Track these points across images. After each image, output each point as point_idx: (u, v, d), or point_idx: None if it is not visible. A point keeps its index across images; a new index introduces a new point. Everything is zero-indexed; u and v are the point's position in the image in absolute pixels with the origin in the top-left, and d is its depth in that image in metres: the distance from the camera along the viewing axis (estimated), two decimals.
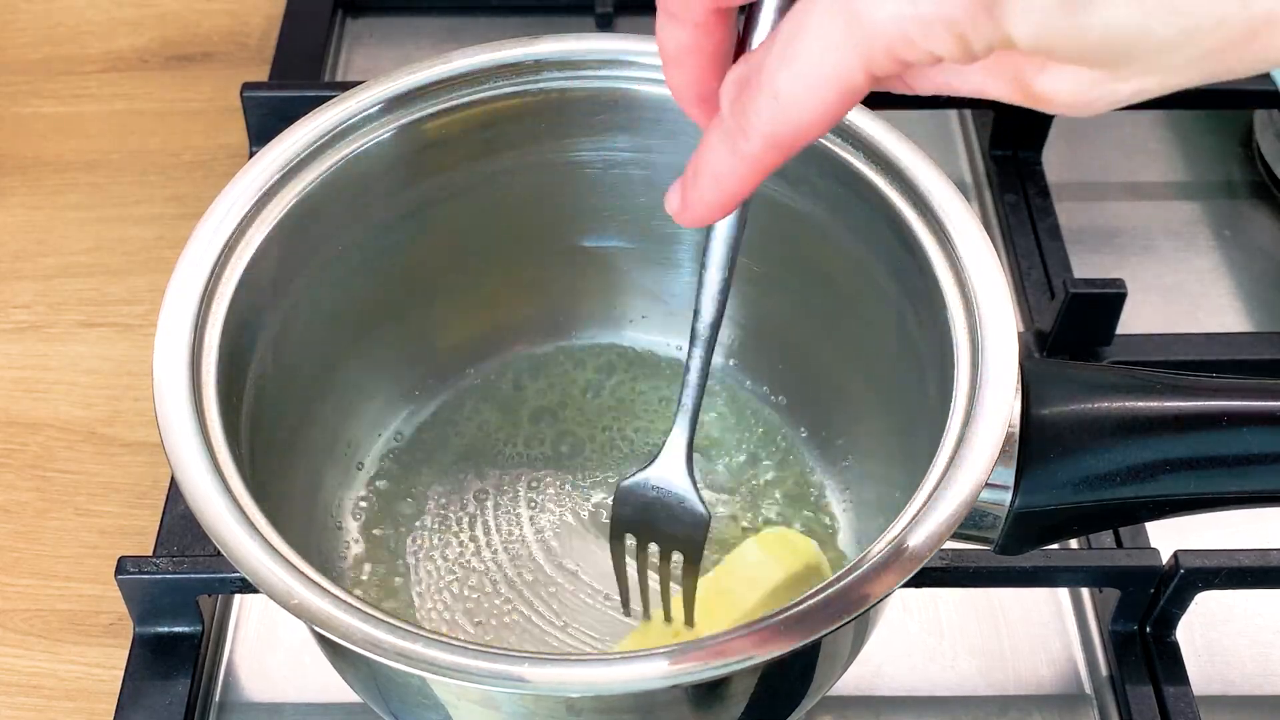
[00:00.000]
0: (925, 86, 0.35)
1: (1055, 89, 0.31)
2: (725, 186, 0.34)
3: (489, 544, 0.55)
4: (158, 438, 0.41)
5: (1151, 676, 0.54)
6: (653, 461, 0.46)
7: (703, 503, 0.46)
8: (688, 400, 0.44)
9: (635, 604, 0.51)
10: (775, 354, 0.58)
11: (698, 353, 0.43)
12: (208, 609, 0.55)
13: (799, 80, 0.31)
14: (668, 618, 0.50)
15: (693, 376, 0.43)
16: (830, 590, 0.38)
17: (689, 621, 0.49)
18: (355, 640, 0.38)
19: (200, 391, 0.43)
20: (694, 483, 0.46)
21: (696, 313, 0.42)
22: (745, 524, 0.55)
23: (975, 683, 0.55)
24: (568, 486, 0.56)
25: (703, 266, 0.41)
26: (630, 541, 0.48)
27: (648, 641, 0.49)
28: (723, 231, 0.40)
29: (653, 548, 0.48)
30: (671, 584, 0.49)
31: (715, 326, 0.42)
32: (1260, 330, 0.67)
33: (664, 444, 0.46)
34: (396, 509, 0.56)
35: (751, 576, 0.50)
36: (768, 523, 0.55)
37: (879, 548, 0.39)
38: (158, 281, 0.47)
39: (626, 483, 0.47)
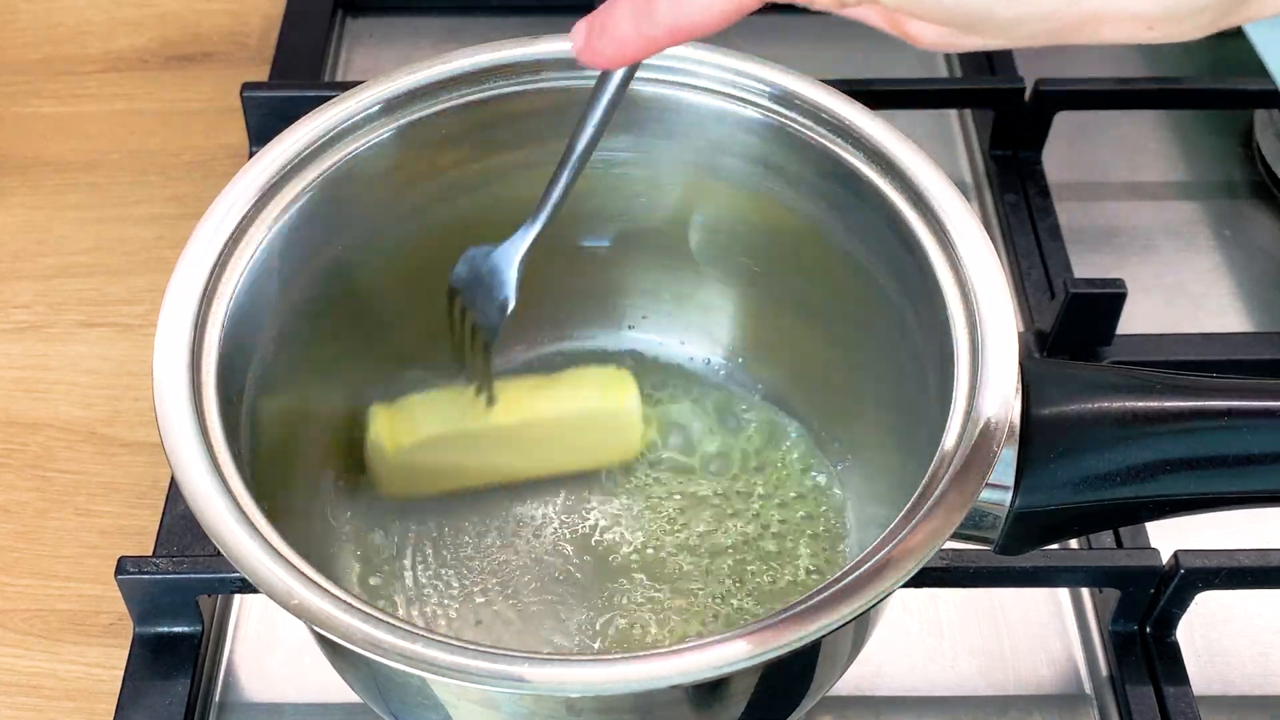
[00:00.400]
0: (817, 4, 0.38)
1: (921, 33, 0.37)
2: (624, 50, 0.38)
3: (489, 544, 0.55)
4: (158, 438, 0.41)
5: (1151, 676, 0.54)
6: (499, 244, 0.50)
7: (515, 293, 0.50)
8: (543, 210, 0.48)
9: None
10: (774, 354, 0.58)
11: (565, 174, 0.47)
12: (208, 609, 0.55)
13: None
14: (472, 383, 0.54)
15: (555, 193, 0.48)
16: (830, 590, 0.38)
17: (485, 393, 0.54)
18: (355, 640, 0.38)
19: (200, 391, 0.43)
20: (517, 275, 0.50)
21: (572, 141, 0.46)
22: (745, 523, 0.55)
23: (975, 683, 0.55)
24: (568, 486, 0.56)
25: (590, 103, 0.45)
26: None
27: (459, 401, 0.54)
28: (613, 78, 0.44)
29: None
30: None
31: (584, 156, 0.46)
32: (1260, 330, 0.67)
33: (511, 235, 0.50)
34: (396, 509, 0.56)
35: (567, 392, 0.55)
36: (766, 525, 0.55)
37: (879, 547, 0.39)
38: (158, 281, 0.47)
39: (472, 249, 0.51)
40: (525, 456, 0.55)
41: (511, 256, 0.50)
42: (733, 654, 0.37)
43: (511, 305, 0.51)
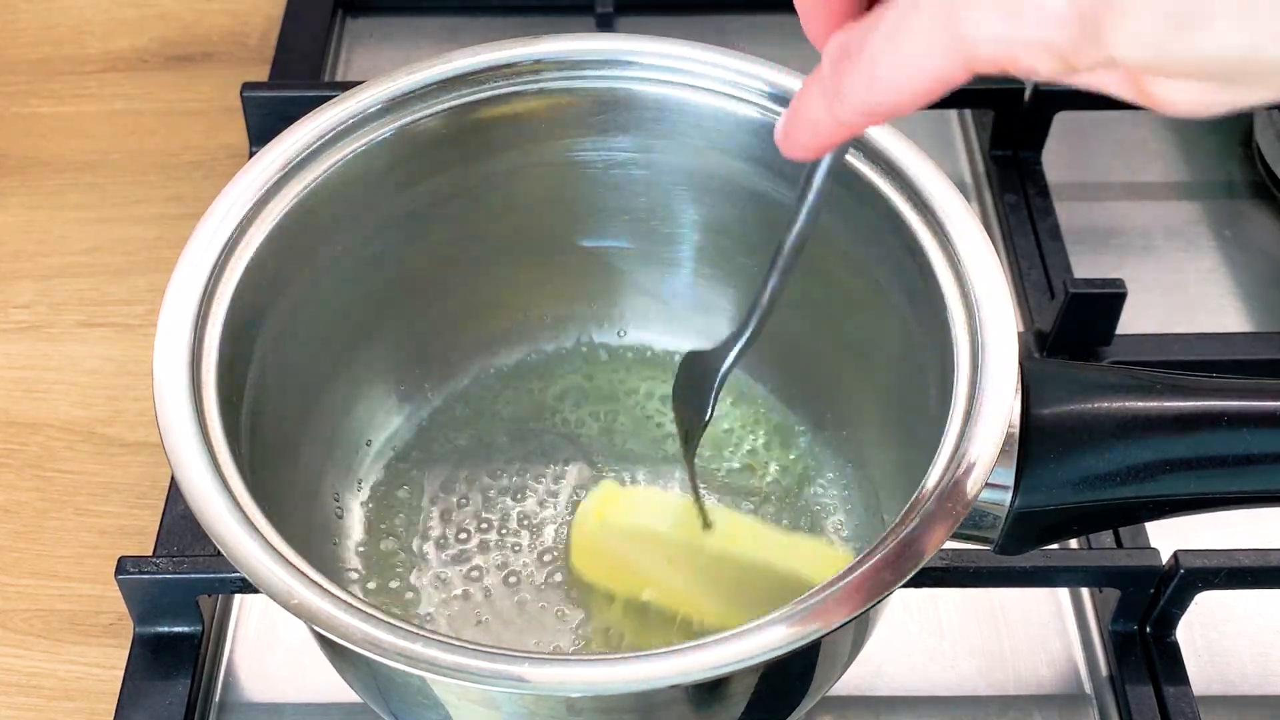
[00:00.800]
0: (1038, 75, 0.34)
1: (1172, 97, 0.31)
2: (819, 135, 0.36)
3: (490, 544, 0.55)
4: (158, 438, 0.41)
5: (1151, 676, 0.54)
6: (716, 347, 0.48)
7: (714, 403, 0.48)
8: (754, 319, 0.45)
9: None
10: (775, 353, 0.58)
11: (776, 277, 0.44)
12: (208, 609, 0.55)
13: (899, 70, 0.31)
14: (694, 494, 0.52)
15: (766, 299, 0.45)
16: (830, 590, 0.38)
17: (697, 503, 0.52)
18: (355, 640, 0.38)
19: (200, 391, 0.43)
20: (719, 382, 0.48)
21: (786, 241, 0.43)
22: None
23: (975, 683, 0.55)
24: (568, 484, 0.56)
25: (800, 197, 0.42)
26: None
27: (667, 504, 0.53)
28: (822, 163, 0.41)
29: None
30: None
31: (798, 252, 0.43)
32: (1260, 330, 0.67)
33: (725, 340, 0.47)
34: (396, 509, 0.56)
35: (787, 552, 0.52)
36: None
37: (879, 547, 0.39)
38: (158, 281, 0.47)
39: (692, 350, 0.50)
40: (709, 589, 0.52)
41: (717, 369, 0.48)
42: (733, 654, 0.37)
43: (707, 420, 0.49)
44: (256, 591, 0.40)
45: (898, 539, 0.39)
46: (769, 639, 0.37)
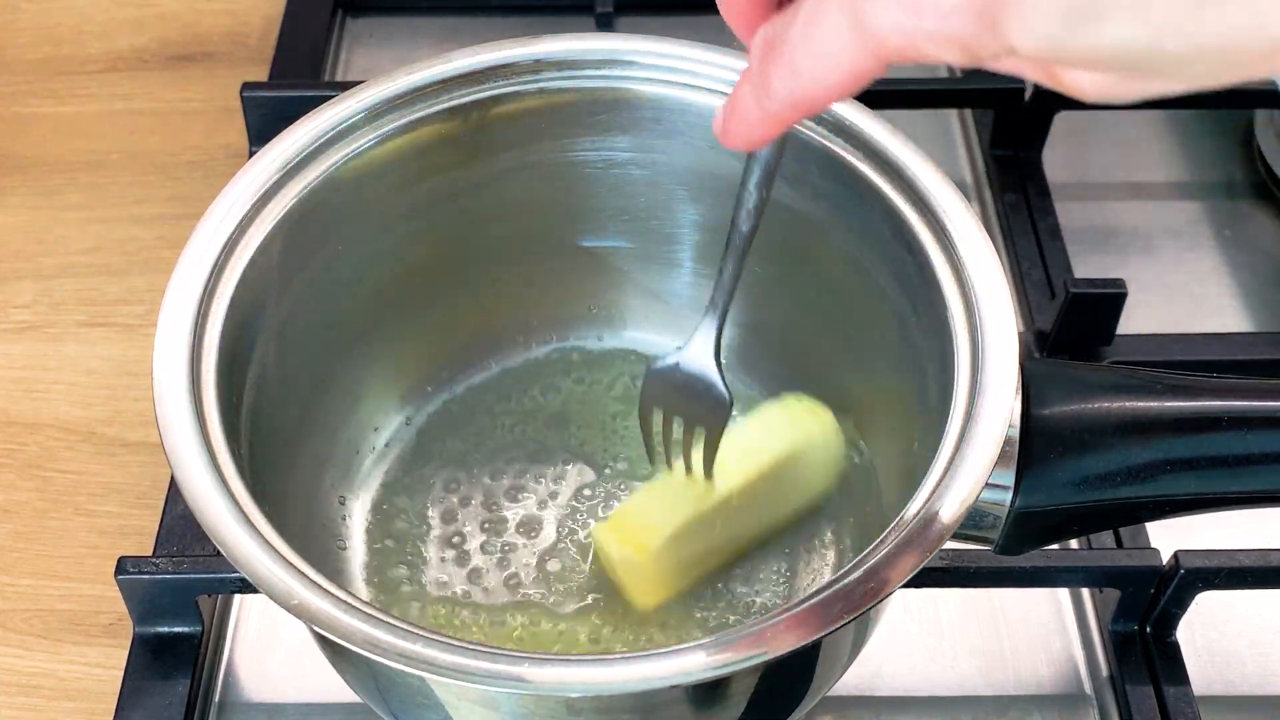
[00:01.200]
0: (950, 59, 0.35)
1: (1080, 84, 0.31)
2: (753, 128, 0.36)
3: (490, 544, 0.55)
4: (158, 438, 0.41)
5: (1151, 676, 0.54)
6: (682, 348, 0.48)
7: (727, 389, 0.48)
8: (719, 298, 0.47)
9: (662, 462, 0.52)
10: (775, 353, 0.58)
11: (732, 260, 0.45)
12: (208, 609, 0.55)
13: (815, 62, 0.32)
14: (688, 469, 0.51)
15: (725, 279, 0.46)
16: (831, 590, 0.38)
17: (706, 474, 0.51)
18: (355, 640, 0.38)
19: (200, 391, 0.43)
20: (720, 370, 0.48)
21: (734, 224, 0.44)
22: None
23: (975, 683, 0.55)
24: (569, 485, 0.56)
25: (741, 185, 0.43)
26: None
27: (669, 491, 0.51)
28: (760, 154, 0.43)
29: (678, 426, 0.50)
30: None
31: (749, 237, 0.44)
32: (1260, 330, 0.67)
33: (691, 336, 0.48)
34: (397, 509, 0.56)
35: (770, 435, 0.53)
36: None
37: (879, 548, 0.39)
38: (158, 281, 0.47)
39: (657, 365, 0.49)
40: (755, 515, 0.53)
41: (705, 356, 0.48)
42: (733, 654, 0.37)
43: (729, 399, 0.49)
44: (256, 591, 0.40)
45: (898, 539, 0.39)
46: (769, 640, 0.37)
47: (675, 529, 0.51)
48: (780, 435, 0.53)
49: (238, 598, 0.57)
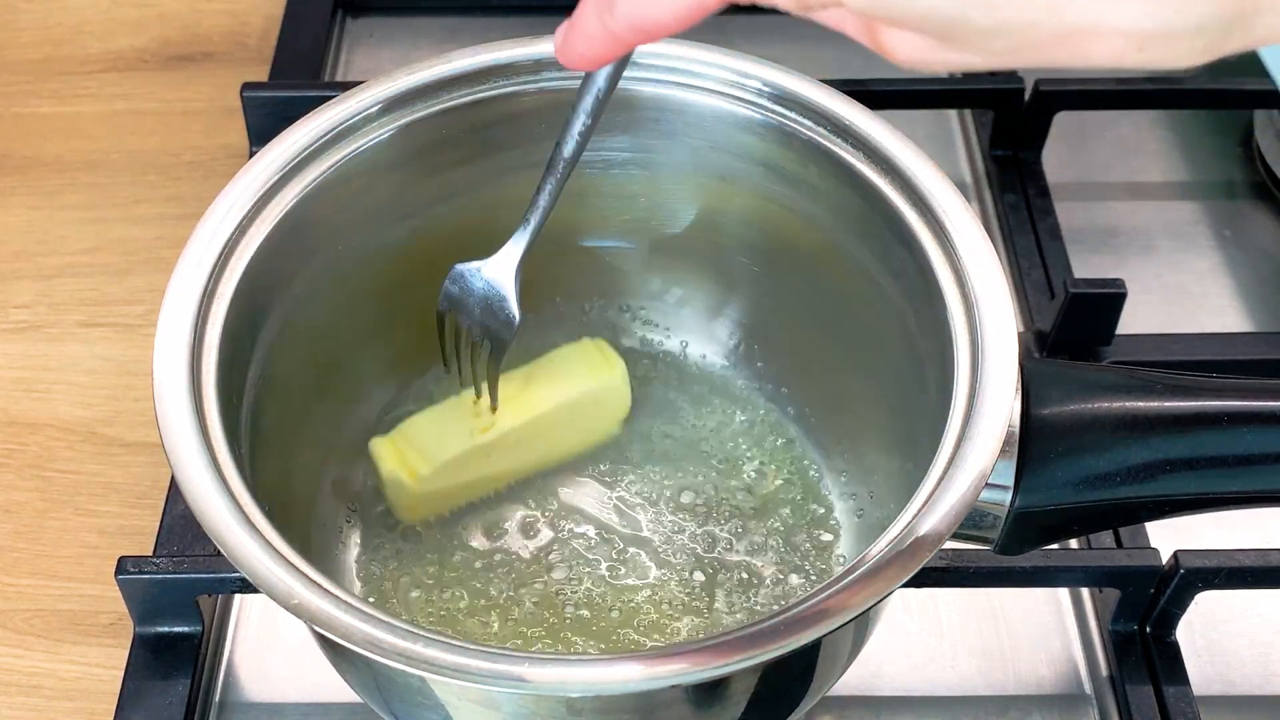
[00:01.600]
0: (790, 7, 0.37)
1: (896, 45, 0.34)
2: (593, 47, 0.38)
3: (490, 544, 0.55)
4: (158, 438, 0.41)
5: (1151, 676, 0.54)
6: (489, 257, 0.50)
7: (518, 305, 0.50)
8: (533, 218, 0.48)
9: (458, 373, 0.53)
10: (775, 353, 0.58)
11: (551, 180, 0.47)
12: (208, 609, 0.55)
13: None
14: (477, 395, 0.54)
15: (543, 200, 0.48)
16: (831, 590, 0.38)
17: (493, 405, 0.54)
18: (355, 640, 0.38)
19: (200, 391, 0.43)
20: (517, 288, 0.50)
21: (558, 145, 0.46)
22: (744, 522, 0.55)
23: (975, 683, 0.55)
24: (569, 484, 0.56)
25: (572, 109, 0.45)
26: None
27: (458, 413, 0.54)
28: (595, 82, 0.44)
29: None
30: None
31: (571, 162, 0.46)
32: (1260, 330, 0.67)
33: (502, 246, 0.49)
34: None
35: (557, 378, 0.55)
36: (765, 523, 0.55)
37: (879, 547, 0.39)
38: (158, 281, 0.47)
39: (460, 266, 0.51)
40: (533, 451, 0.55)
41: (508, 268, 0.50)
42: (733, 654, 0.37)
43: (517, 318, 0.50)
44: (256, 591, 0.40)
45: (898, 539, 0.39)
46: (770, 640, 0.37)
47: (449, 458, 0.53)
48: (571, 378, 0.55)
49: (238, 598, 0.57)
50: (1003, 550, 0.45)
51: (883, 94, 0.69)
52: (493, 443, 0.54)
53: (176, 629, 0.54)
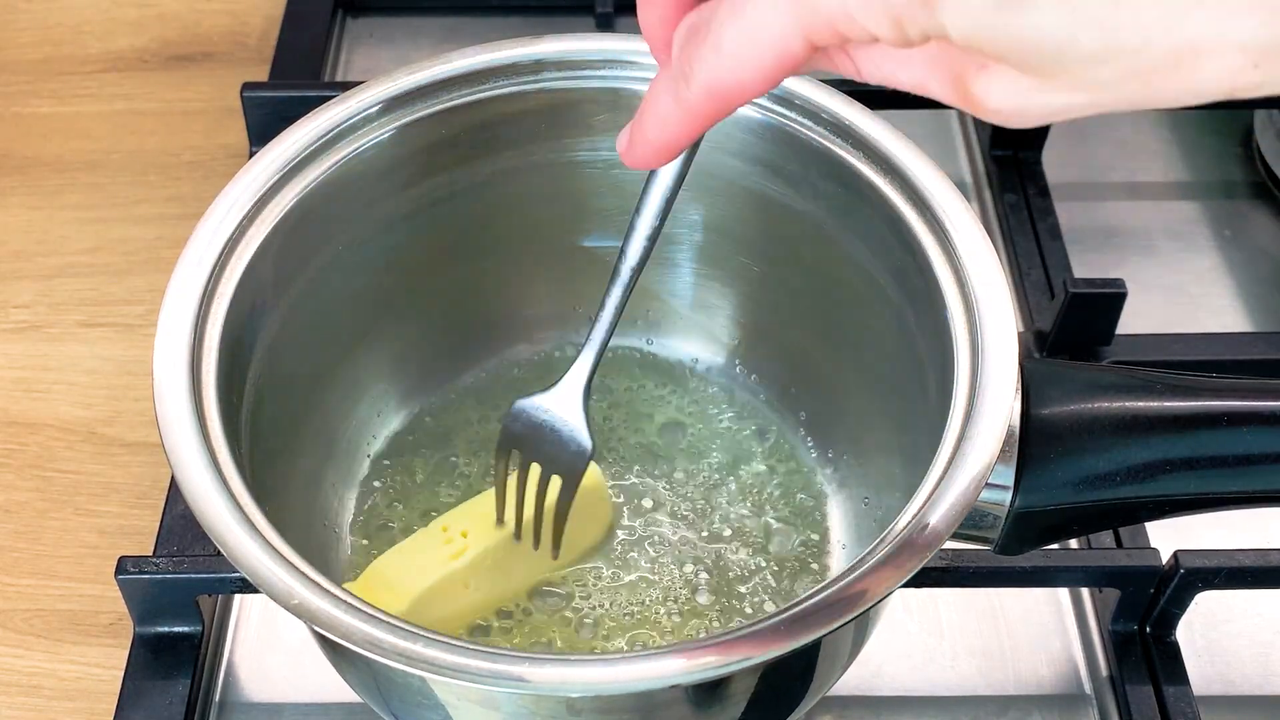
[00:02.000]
0: (870, 73, 0.36)
1: (989, 92, 0.32)
2: (667, 131, 0.35)
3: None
4: (158, 438, 0.41)
5: (1151, 676, 0.54)
6: (551, 387, 0.47)
7: (591, 436, 0.47)
8: (597, 336, 0.46)
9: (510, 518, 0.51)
10: (775, 353, 0.58)
11: (616, 292, 0.44)
12: (208, 609, 0.55)
13: (742, 37, 0.32)
14: (536, 544, 0.51)
15: (607, 315, 0.45)
16: (830, 590, 0.38)
17: (554, 551, 0.50)
18: (355, 640, 0.38)
19: (200, 391, 0.43)
20: (586, 415, 0.47)
21: (622, 253, 0.43)
22: (744, 522, 0.55)
23: (975, 683, 0.55)
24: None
25: (636, 211, 0.42)
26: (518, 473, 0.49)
27: (512, 559, 0.51)
28: (663, 180, 0.42)
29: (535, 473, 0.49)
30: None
31: (637, 270, 0.44)
32: (1260, 330, 0.67)
33: (565, 373, 0.47)
34: (397, 509, 0.56)
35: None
36: (765, 524, 0.55)
37: (879, 548, 0.39)
38: (158, 281, 0.47)
39: (522, 402, 0.48)
40: (515, 572, 0.52)
41: (574, 397, 0.47)
42: (733, 654, 0.37)
43: (590, 449, 0.47)
44: (256, 591, 0.40)
45: (897, 539, 0.39)
46: (770, 640, 0.37)
47: (421, 591, 0.49)
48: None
49: (238, 598, 0.57)
50: (1003, 550, 0.45)
51: (883, 94, 0.69)
52: (467, 568, 0.50)
53: (176, 629, 0.54)
